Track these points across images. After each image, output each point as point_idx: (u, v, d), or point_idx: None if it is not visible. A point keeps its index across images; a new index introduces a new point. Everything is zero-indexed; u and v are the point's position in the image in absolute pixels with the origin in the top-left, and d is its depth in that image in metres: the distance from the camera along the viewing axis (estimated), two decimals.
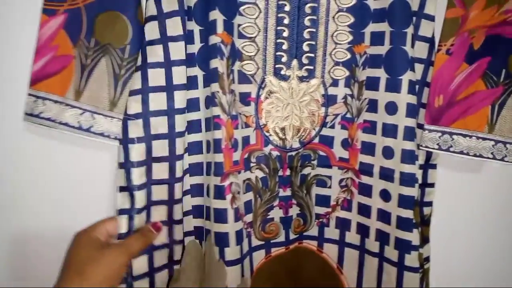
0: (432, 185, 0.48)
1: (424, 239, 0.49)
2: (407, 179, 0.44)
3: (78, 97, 0.44)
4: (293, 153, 0.48)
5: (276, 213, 0.49)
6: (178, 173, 0.45)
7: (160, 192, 0.44)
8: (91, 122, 0.44)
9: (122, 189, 0.43)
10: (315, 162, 0.49)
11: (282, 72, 0.47)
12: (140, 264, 0.44)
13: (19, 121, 0.46)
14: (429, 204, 0.48)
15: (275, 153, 0.48)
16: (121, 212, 0.43)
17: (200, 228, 0.47)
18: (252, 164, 0.48)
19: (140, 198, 0.43)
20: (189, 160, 0.46)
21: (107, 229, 0.43)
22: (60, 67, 0.44)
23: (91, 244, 0.41)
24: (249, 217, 0.48)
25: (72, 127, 0.44)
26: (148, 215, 0.44)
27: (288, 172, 0.49)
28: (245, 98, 0.47)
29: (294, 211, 0.50)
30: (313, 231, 0.51)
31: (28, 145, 0.49)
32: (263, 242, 0.49)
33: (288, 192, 0.49)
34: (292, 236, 0.50)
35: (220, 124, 0.44)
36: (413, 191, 0.44)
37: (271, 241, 0.49)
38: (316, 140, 0.48)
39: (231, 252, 0.45)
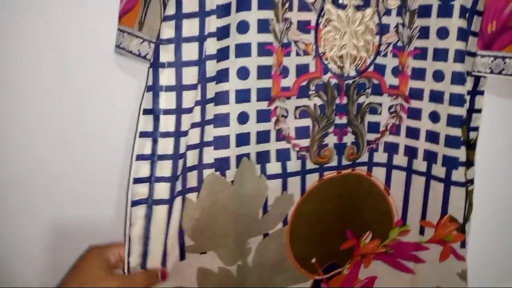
0: (479, 111, 0.52)
1: (470, 162, 0.53)
2: (457, 99, 0.49)
3: (141, 28, 0.46)
4: (350, 81, 0.50)
5: (331, 140, 0.52)
6: (209, 96, 0.45)
7: (189, 119, 0.44)
8: (148, 50, 0.45)
9: (146, 111, 0.43)
10: (369, 91, 0.51)
11: (340, 1, 0.48)
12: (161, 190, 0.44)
13: None
14: (476, 129, 0.53)
15: (333, 81, 0.50)
16: (142, 134, 0.43)
17: (222, 159, 0.47)
18: (311, 92, 0.49)
19: (165, 122, 0.43)
20: (214, 89, 0.46)
21: (120, 253, 0.45)
22: (134, 3, 0.47)
23: (101, 263, 0.43)
24: (305, 142, 0.51)
25: (134, 54, 0.46)
26: (178, 142, 0.44)
27: (345, 100, 0.51)
28: (304, 26, 0.48)
29: (348, 138, 0.52)
30: (364, 157, 0.54)
31: None
32: (317, 166, 0.52)
33: (344, 120, 0.51)
34: (344, 162, 0.53)
35: (271, 51, 0.46)
36: (461, 111, 0.49)
37: (325, 165, 0.52)
38: (371, 68, 0.51)
39: (272, 167, 0.50)
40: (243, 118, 0.47)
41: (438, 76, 0.50)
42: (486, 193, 0.55)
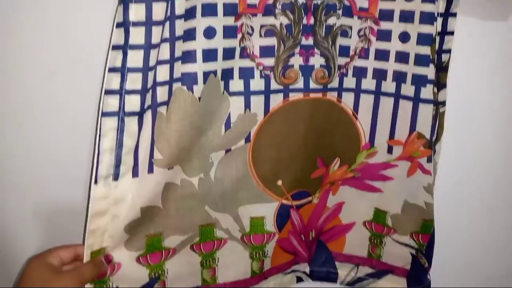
0: (451, 33, 0.52)
1: (442, 85, 0.53)
2: (427, 18, 0.48)
3: None
4: (318, 1, 0.50)
5: (296, 60, 0.52)
6: (178, 12, 0.45)
7: (159, 33, 0.45)
8: None
9: (118, 25, 0.43)
10: (340, 12, 0.51)
11: None
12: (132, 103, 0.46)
13: None
14: (448, 51, 0.52)
15: (300, 0, 0.50)
16: (114, 47, 0.44)
17: (189, 74, 0.48)
18: (277, 11, 0.50)
19: (135, 35, 0.43)
20: (185, 5, 0.46)
21: (61, 256, 0.46)
22: None
23: (44, 268, 0.43)
24: (270, 61, 0.51)
25: None
26: (147, 56, 0.45)
27: (312, 21, 0.51)
28: None
29: (316, 60, 0.53)
30: (335, 83, 0.54)
31: None
32: (281, 87, 0.53)
33: (310, 41, 0.52)
34: (312, 85, 0.54)
35: None
36: (432, 29, 0.48)
37: (290, 87, 0.53)
38: None
39: (235, 85, 0.51)
40: (209, 32, 0.48)
41: None
42: (458, 114, 0.56)
